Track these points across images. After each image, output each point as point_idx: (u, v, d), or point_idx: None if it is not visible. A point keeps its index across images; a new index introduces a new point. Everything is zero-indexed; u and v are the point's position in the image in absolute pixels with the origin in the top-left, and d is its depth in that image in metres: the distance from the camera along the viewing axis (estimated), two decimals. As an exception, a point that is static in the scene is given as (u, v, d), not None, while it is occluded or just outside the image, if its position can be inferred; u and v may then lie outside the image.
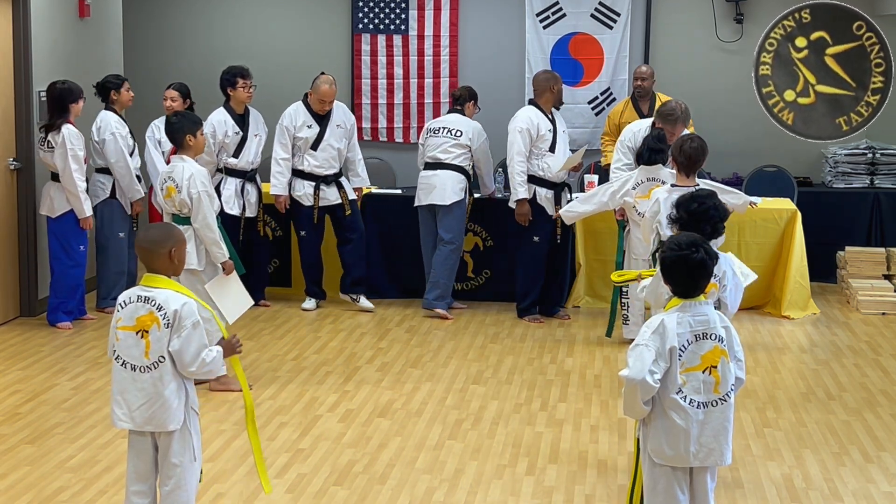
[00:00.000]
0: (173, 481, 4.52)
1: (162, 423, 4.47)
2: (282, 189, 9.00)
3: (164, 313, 4.42)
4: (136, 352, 4.46)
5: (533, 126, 8.62)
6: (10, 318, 8.70)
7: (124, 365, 4.49)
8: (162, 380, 4.45)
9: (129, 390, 4.48)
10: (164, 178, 6.94)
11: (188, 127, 6.92)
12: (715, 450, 4.34)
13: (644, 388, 4.22)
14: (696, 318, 4.31)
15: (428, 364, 7.72)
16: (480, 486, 5.61)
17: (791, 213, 9.29)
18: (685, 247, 4.33)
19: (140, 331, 4.44)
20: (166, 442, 4.51)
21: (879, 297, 9.37)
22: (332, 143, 9.02)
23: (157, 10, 11.73)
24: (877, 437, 6.40)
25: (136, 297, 4.47)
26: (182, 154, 6.93)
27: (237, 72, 8.89)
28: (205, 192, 6.83)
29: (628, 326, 8.24)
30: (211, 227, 6.86)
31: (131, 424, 4.50)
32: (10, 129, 8.66)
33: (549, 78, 8.82)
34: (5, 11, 8.55)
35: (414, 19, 11.35)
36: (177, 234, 4.59)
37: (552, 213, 8.71)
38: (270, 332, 8.50)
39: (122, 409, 4.51)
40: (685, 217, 5.38)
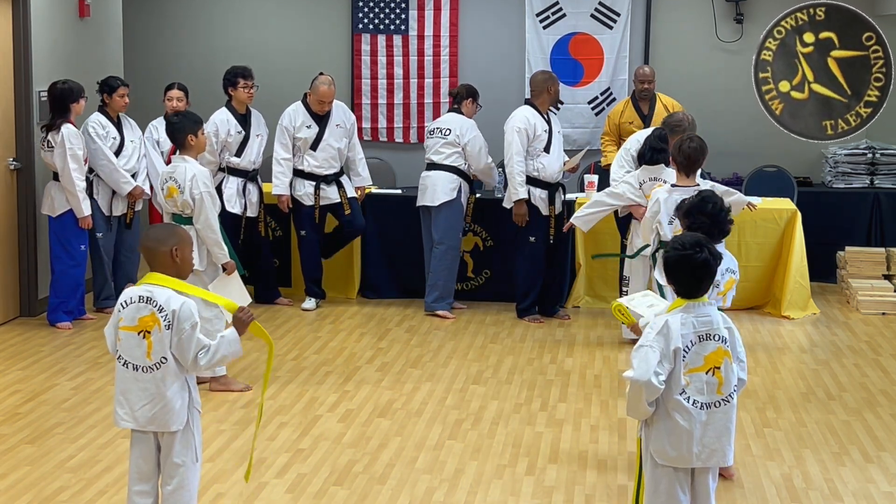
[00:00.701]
0: (176, 481, 4.52)
1: (165, 424, 4.47)
2: (283, 189, 9.01)
3: (164, 314, 4.41)
4: (139, 352, 4.45)
5: (530, 126, 8.61)
6: (10, 318, 8.70)
7: (126, 365, 4.48)
8: (164, 380, 4.45)
9: (132, 390, 4.47)
10: (165, 178, 6.94)
11: (189, 127, 6.91)
12: (717, 450, 4.34)
13: (649, 389, 4.22)
14: (699, 319, 4.31)
15: (428, 364, 7.72)
16: (480, 486, 5.61)
17: (791, 213, 9.29)
18: (689, 247, 4.33)
19: (142, 331, 4.43)
20: (169, 442, 4.51)
21: (879, 297, 9.37)
22: (332, 142, 9.03)
23: (157, 10, 11.73)
24: (877, 437, 6.40)
25: (138, 297, 4.46)
26: (184, 154, 6.93)
27: (238, 72, 8.91)
28: (207, 192, 6.83)
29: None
30: (213, 228, 6.86)
31: (134, 424, 4.50)
32: (10, 129, 8.66)
33: (546, 79, 8.81)
34: (5, 11, 8.55)
35: (414, 19, 11.35)
36: (180, 234, 4.57)
37: (547, 213, 8.72)
38: (270, 332, 8.45)
39: (124, 409, 4.50)
40: (706, 221, 5.42)
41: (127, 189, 8.75)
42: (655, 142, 7.99)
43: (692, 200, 5.57)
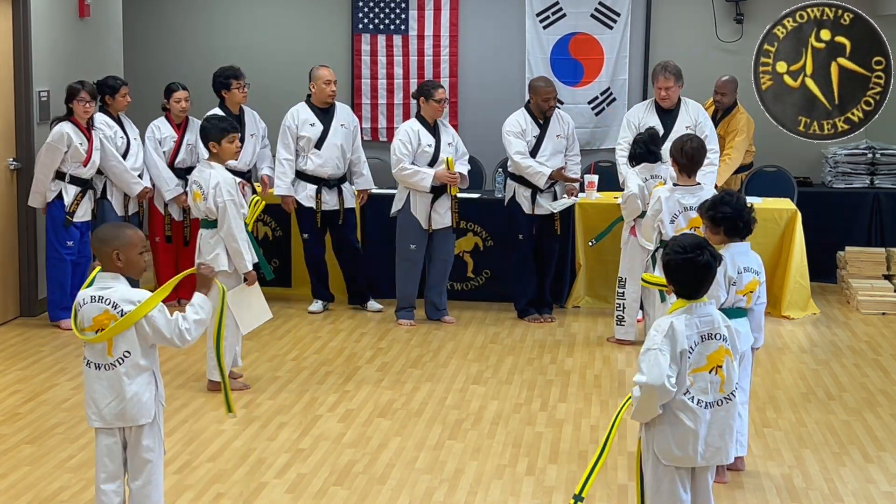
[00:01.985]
0: (144, 476, 4.55)
1: (133, 418, 4.50)
2: (286, 189, 8.97)
3: (120, 311, 4.43)
4: (99, 350, 4.49)
5: (518, 128, 8.74)
6: (10, 318, 8.70)
7: (89, 365, 4.53)
8: (128, 374, 4.48)
9: (96, 389, 4.52)
10: (192, 181, 6.98)
11: (213, 134, 6.91)
12: (721, 448, 4.37)
13: (662, 392, 4.22)
14: (701, 320, 4.32)
15: (428, 364, 7.72)
16: (480, 486, 5.61)
17: (791, 213, 9.29)
18: (690, 249, 4.33)
19: (98, 330, 4.45)
20: (137, 436, 4.54)
21: (879, 297, 9.37)
22: (336, 141, 8.98)
23: (157, 10, 11.74)
24: (877, 437, 6.40)
25: (90, 297, 4.48)
26: (210, 160, 6.94)
27: (230, 73, 8.89)
28: (231, 200, 6.79)
29: (623, 327, 8.25)
30: (235, 237, 6.80)
31: (101, 422, 4.53)
32: (10, 129, 8.66)
33: (530, 87, 8.98)
34: (5, 11, 8.55)
35: (414, 19, 11.35)
36: (127, 236, 4.53)
37: (529, 212, 8.77)
38: (270, 332, 8.49)
39: (91, 409, 4.54)
40: (731, 213, 5.42)
41: (137, 190, 8.76)
42: (650, 141, 8.03)
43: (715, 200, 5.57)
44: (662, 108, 8.91)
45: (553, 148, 8.81)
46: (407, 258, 8.79)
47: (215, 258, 6.85)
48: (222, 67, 8.97)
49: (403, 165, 8.60)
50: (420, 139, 8.62)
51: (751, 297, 5.51)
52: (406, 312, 8.81)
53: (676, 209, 6.97)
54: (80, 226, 8.49)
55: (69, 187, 8.40)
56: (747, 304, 5.50)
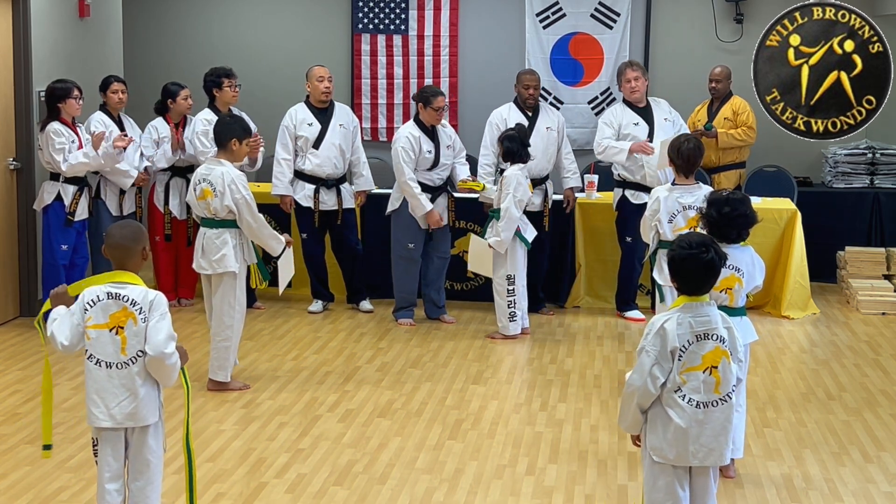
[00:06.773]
0: (145, 477, 4.56)
1: (143, 417, 4.51)
2: (284, 189, 8.97)
3: (139, 308, 4.44)
4: (112, 349, 4.47)
5: (501, 121, 8.90)
6: (9, 318, 8.70)
7: (99, 364, 4.50)
8: (141, 374, 4.48)
9: (106, 388, 4.49)
10: (199, 178, 6.95)
11: (237, 132, 6.99)
12: (715, 450, 4.35)
13: (643, 393, 4.29)
14: (697, 319, 4.32)
15: (428, 364, 7.72)
16: (480, 486, 5.61)
17: (791, 213, 9.29)
18: (695, 246, 4.34)
19: (115, 327, 4.45)
20: (141, 437, 4.54)
21: (879, 297, 9.37)
22: (335, 140, 8.98)
23: (157, 10, 11.74)
24: (877, 437, 6.40)
25: (106, 294, 4.47)
26: (221, 157, 6.95)
27: (222, 73, 8.89)
28: (247, 194, 6.89)
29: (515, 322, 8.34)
30: (258, 228, 6.94)
31: (111, 422, 4.51)
32: (10, 129, 8.66)
33: (517, 76, 9.13)
34: (5, 11, 8.55)
35: (414, 19, 11.36)
36: (144, 231, 4.66)
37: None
38: (270, 332, 8.50)
39: (99, 409, 4.51)
40: (715, 217, 5.41)
41: (129, 183, 8.76)
42: (514, 137, 8.27)
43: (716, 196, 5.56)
44: (636, 106, 8.93)
45: (544, 142, 8.82)
46: (405, 257, 8.79)
47: (221, 259, 6.87)
48: (214, 67, 8.98)
49: (408, 180, 8.50)
50: (421, 146, 8.61)
51: (732, 294, 5.47)
52: (405, 312, 8.81)
53: (675, 209, 6.96)
54: (78, 225, 8.49)
55: (67, 187, 8.39)
56: (731, 301, 5.44)
